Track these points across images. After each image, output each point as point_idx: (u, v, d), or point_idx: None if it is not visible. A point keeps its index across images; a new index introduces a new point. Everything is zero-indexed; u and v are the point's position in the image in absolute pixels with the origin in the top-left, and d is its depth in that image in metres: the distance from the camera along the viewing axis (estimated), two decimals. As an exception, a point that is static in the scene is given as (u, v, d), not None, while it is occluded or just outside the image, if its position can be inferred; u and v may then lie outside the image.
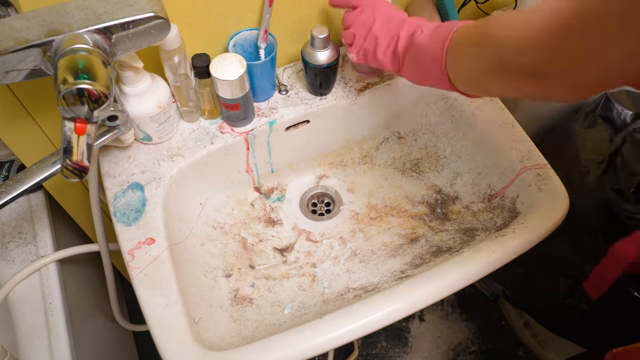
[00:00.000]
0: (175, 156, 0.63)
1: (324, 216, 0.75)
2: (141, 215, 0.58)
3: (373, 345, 1.27)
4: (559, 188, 0.60)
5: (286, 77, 0.72)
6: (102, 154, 0.63)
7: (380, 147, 0.78)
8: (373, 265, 0.67)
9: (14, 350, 0.65)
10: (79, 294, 0.80)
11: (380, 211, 0.74)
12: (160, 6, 0.48)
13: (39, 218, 0.76)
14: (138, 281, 0.53)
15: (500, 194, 0.65)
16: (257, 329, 0.59)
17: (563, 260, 0.85)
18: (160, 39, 0.49)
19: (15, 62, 0.45)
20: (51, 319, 0.67)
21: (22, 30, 0.44)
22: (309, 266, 0.68)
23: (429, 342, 1.27)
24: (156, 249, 0.56)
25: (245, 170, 0.71)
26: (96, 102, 0.44)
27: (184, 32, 0.60)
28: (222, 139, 0.65)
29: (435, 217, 0.71)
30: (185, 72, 0.60)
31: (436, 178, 0.74)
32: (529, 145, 0.65)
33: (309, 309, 0.62)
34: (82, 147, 0.47)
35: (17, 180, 0.51)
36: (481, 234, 0.64)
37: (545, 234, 0.57)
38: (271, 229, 0.72)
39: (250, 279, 0.66)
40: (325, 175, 0.78)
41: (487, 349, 1.26)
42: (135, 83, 0.57)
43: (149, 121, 0.60)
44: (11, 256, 0.72)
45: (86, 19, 0.45)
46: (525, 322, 1.24)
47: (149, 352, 1.18)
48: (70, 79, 0.43)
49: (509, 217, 0.63)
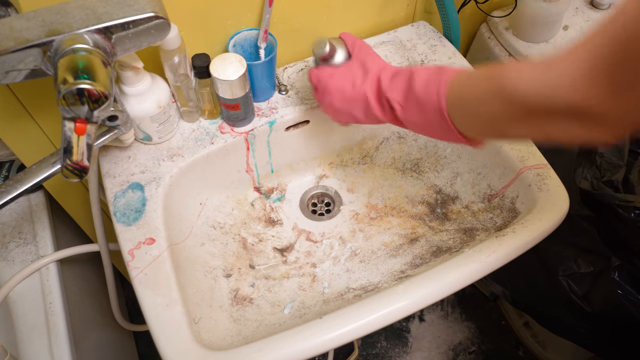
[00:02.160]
0: (175, 156, 0.63)
1: (324, 216, 0.75)
2: (141, 215, 0.58)
3: (373, 345, 1.27)
4: (559, 188, 0.60)
5: (286, 77, 0.72)
6: (102, 154, 0.63)
7: (380, 147, 0.78)
8: (373, 265, 0.67)
9: (14, 350, 0.65)
10: (79, 294, 0.80)
11: (380, 211, 0.74)
12: (160, 6, 0.48)
13: (39, 218, 0.76)
14: (138, 281, 0.53)
15: (500, 194, 0.65)
16: (257, 329, 0.59)
17: (563, 260, 0.85)
18: (160, 39, 0.49)
19: (15, 62, 0.45)
20: (51, 319, 0.67)
21: (22, 30, 0.44)
22: (309, 266, 0.68)
23: (429, 342, 1.27)
24: (156, 249, 0.56)
25: (245, 170, 0.71)
26: (96, 102, 0.44)
27: (184, 32, 0.60)
28: (222, 139, 0.65)
29: (435, 217, 0.71)
30: (185, 72, 0.60)
31: (436, 178, 0.74)
32: (529, 145, 0.65)
33: (309, 309, 0.62)
34: (82, 147, 0.47)
35: (17, 180, 0.51)
36: (481, 234, 0.64)
37: (545, 234, 0.57)
38: (271, 229, 0.72)
39: (250, 279, 0.66)
40: (325, 175, 0.78)
41: (487, 349, 1.26)
42: (135, 83, 0.57)
43: (149, 121, 0.60)
44: (11, 256, 0.72)
45: (86, 19, 0.45)
46: (525, 322, 1.24)
47: (149, 352, 1.18)
48: (70, 79, 0.43)
49: (509, 217, 0.63)
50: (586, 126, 0.37)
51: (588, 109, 0.35)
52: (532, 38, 0.86)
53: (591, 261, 0.82)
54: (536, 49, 0.85)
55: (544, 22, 0.83)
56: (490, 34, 0.91)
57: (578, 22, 0.89)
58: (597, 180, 0.80)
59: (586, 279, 0.82)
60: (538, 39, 0.86)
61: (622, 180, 0.78)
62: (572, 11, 0.91)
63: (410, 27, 0.79)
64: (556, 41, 0.87)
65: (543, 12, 0.81)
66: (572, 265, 0.84)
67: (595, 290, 0.81)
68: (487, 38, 0.91)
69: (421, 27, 0.79)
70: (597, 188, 0.78)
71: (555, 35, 0.87)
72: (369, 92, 0.54)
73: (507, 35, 0.88)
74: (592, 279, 0.82)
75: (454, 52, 0.75)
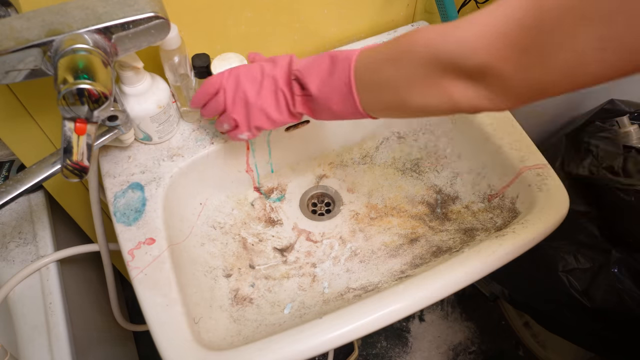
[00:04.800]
0: (176, 156, 0.63)
1: (324, 216, 0.75)
2: (141, 215, 0.58)
3: (373, 345, 1.27)
4: (559, 188, 0.60)
5: (286, 77, 0.72)
6: (102, 154, 0.63)
7: (380, 147, 0.78)
8: (373, 265, 0.67)
9: (14, 350, 0.65)
10: (79, 294, 0.80)
11: (380, 211, 0.74)
12: (160, 6, 0.48)
13: (39, 218, 0.76)
14: (138, 281, 0.53)
15: (500, 194, 0.65)
16: (257, 329, 0.59)
17: (562, 256, 0.85)
18: (160, 39, 0.49)
19: (15, 62, 0.45)
20: (51, 319, 0.67)
21: (22, 30, 0.44)
22: (309, 266, 0.68)
23: (429, 342, 1.28)
24: (156, 249, 0.56)
25: (245, 170, 0.71)
26: (96, 102, 0.44)
27: (184, 32, 0.60)
28: (222, 139, 0.65)
29: (435, 217, 0.71)
30: (185, 72, 0.60)
31: (436, 178, 0.74)
32: (529, 145, 0.65)
33: (309, 309, 0.62)
34: (82, 147, 0.47)
35: (17, 180, 0.51)
36: (481, 234, 0.64)
37: (545, 234, 0.57)
38: (271, 229, 0.72)
39: (250, 279, 0.66)
40: (325, 175, 0.78)
41: (487, 349, 1.26)
42: (135, 83, 0.57)
43: (149, 121, 0.60)
44: (11, 256, 0.72)
45: (86, 19, 0.45)
46: (525, 322, 1.24)
47: (149, 352, 1.18)
48: (70, 79, 0.43)
49: (509, 217, 0.63)
50: (490, 89, 0.38)
51: (499, 70, 0.37)
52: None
53: (591, 256, 0.82)
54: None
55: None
56: (490, 34, 0.91)
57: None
58: (596, 167, 0.80)
59: (586, 274, 0.82)
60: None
61: (622, 167, 0.79)
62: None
63: (410, 27, 0.79)
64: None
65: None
66: (571, 260, 0.84)
67: (595, 285, 0.81)
68: (487, 38, 0.91)
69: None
70: (597, 174, 0.78)
71: (555, 35, 0.87)
72: (278, 74, 0.52)
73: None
74: (592, 274, 0.82)
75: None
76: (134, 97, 0.58)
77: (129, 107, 0.58)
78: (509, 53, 0.36)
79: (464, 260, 0.55)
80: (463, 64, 0.38)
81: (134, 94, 0.57)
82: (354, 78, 0.47)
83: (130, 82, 0.56)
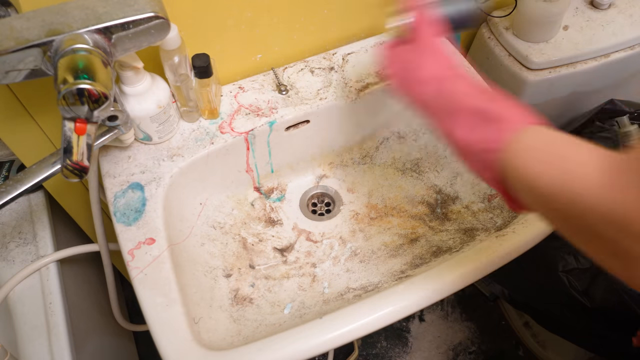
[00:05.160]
0: (175, 156, 0.63)
1: (324, 216, 0.75)
2: (141, 215, 0.58)
3: (373, 345, 1.27)
4: (559, 188, 0.60)
5: (286, 77, 0.72)
6: (102, 154, 0.63)
7: (380, 147, 0.78)
8: (373, 265, 0.67)
9: (14, 350, 0.65)
10: (79, 294, 0.80)
11: (380, 211, 0.74)
12: (160, 6, 0.48)
13: (39, 218, 0.76)
14: (138, 281, 0.53)
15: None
16: (257, 329, 0.59)
17: (562, 256, 0.85)
18: (160, 39, 0.50)
19: (15, 62, 0.45)
20: (51, 319, 0.67)
21: (22, 30, 0.44)
22: (309, 266, 0.68)
23: (429, 342, 1.28)
24: (156, 249, 0.56)
25: (245, 170, 0.71)
26: (96, 102, 0.44)
27: (184, 32, 0.60)
28: (222, 139, 0.65)
29: (435, 217, 0.71)
30: (185, 72, 0.60)
31: (436, 178, 0.74)
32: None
33: (309, 309, 0.62)
34: (82, 147, 0.47)
35: (17, 180, 0.51)
36: (481, 234, 0.64)
37: (545, 233, 0.57)
38: (271, 229, 0.72)
39: (250, 279, 0.66)
40: (325, 175, 0.78)
41: (487, 349, 1.26)
42: (135, 83, 0.57)
43: (149, 121, 0.60)
44: (11, 256, 0.72)
45: (86, 19, 0.45)
46: (525, 322, 1.24)
47: (149, 352, 1.18)
48: (70, 79, 0.43)
49: (509, 217, 0.63)
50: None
51: None
52: (532, 38, 0.86)
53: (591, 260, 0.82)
54: (536, 49, 0.85)
55: (544, 22, 0.83)
56: (490, 34, 0.91)
57: (578, 22, 0.89)
58: None
59: (586, 274, 0.82)
60: (538, 39, 0.86)
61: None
62: (572, 11, 0.91)
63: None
64: (556, 41, 0.87)
65: (543, 12, 0.81)
66: (571, 260, 0.84)
67: (595, 285, 0.81)
68: (487, 38, 0.91)
69: (421, 27, 0.79)
70: None
71: (555, 35, 0.87)
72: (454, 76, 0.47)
73: (507, 35, 0.88)
74: (592, 274, 0.82)
75: (454, 52, 0.75)
76: (134, 97, 0.58)
77: (129, 107, 0.58)
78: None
79: (464, 260, 0.55)
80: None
81: (134, 94, 0.57)
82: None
83: (130, 82, 0.56)
